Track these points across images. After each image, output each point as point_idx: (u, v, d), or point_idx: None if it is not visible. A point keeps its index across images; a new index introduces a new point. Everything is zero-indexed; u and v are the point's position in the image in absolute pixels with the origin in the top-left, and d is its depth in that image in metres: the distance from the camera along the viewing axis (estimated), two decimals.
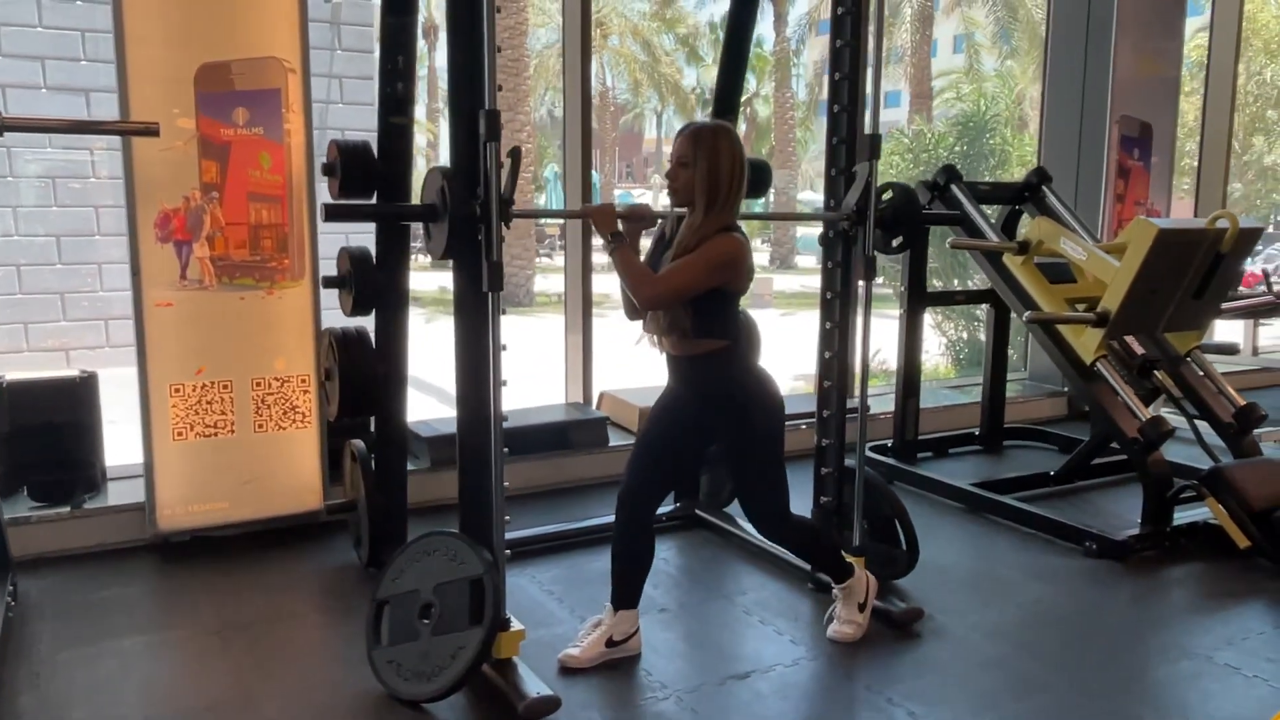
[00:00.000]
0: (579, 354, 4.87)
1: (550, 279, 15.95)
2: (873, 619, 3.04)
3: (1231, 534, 3.55)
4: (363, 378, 3.29)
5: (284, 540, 3.73)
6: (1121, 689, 2.74)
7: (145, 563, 3.52)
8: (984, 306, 5.46)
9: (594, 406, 4.96)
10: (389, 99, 3.19)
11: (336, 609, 3.24)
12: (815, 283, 3.42)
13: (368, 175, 3.18)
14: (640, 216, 2.69)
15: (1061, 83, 5.89)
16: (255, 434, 3.71)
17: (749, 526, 3.74)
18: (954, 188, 4.60)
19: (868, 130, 3.04)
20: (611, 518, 3.85)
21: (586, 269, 4.81)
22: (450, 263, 2.62)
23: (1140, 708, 2.64)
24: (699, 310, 2.64)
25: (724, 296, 2.67)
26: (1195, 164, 6.87)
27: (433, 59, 29.64)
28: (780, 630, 3.07)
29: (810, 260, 21.53)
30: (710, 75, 32.42)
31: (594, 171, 5.91)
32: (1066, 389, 5.96)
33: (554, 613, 3.17)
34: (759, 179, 3.89)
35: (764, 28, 25.48)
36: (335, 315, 3.75)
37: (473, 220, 2.48)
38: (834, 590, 3.02)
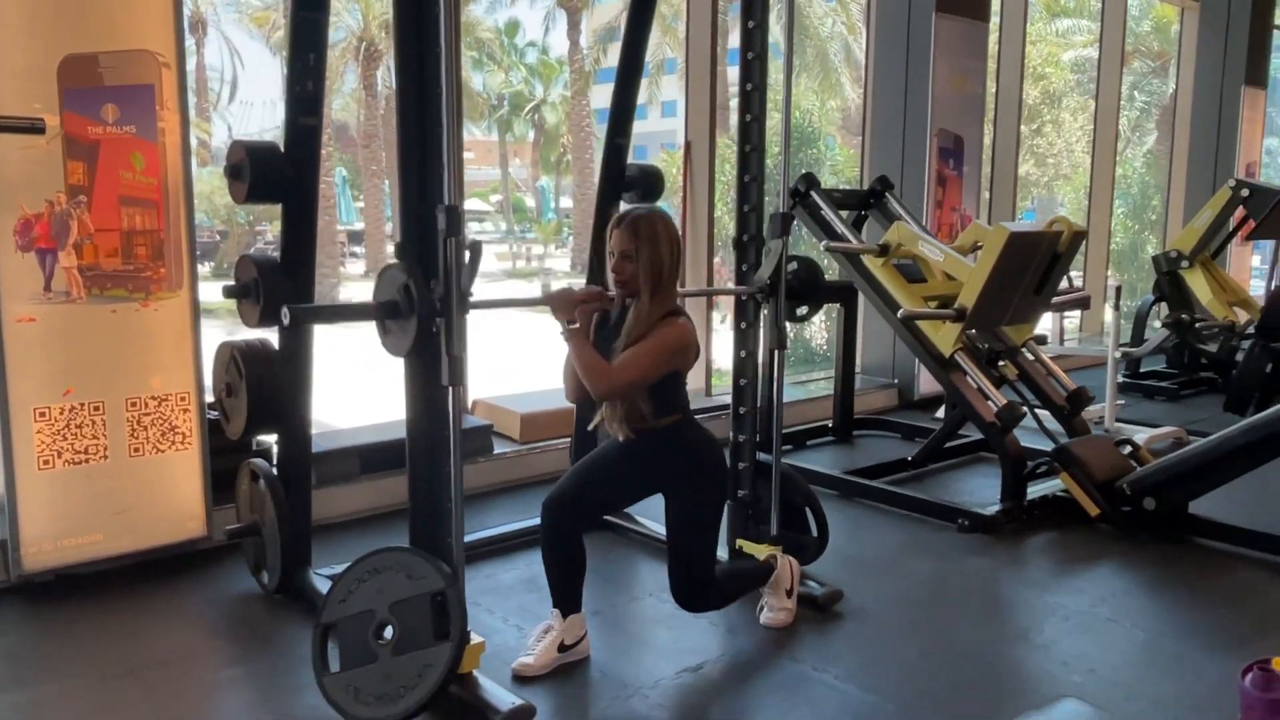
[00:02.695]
0: None
1: (350, 288, 15.43)
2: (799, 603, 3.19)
3: (1083, 504, 3.97)
4: (271, 392, 3.11)
5: (168, 572, 3.45)
6: (1030, 646, 3.03)
7: (13, 607, 3.16)
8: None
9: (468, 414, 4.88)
10: (298, 99, 3.03)
11: (252, 639, 3.04)
12: None
13: (277, 179, 3.01)
14: (596, 299, 2.74)
15: (884, 98, 6.35)
16: (131, 458, 3.41)
17: (647, 522, 3.85)
18: (814, 194, 4.88)
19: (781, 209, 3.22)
20: (513, 524, 3.88)
21: None
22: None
23: (1051, 663, 2.92)
24: (654, 394, 2.73)
25: (676, 376, 2.77)
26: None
27: (201, 55, 27.84)
28: (714, 622, 3.16)
29: None
30: (496, 81, 32.29)
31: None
32: (896, 381, 6.44)
33: (488, 624, 3.11)
34: (653, 186, 4.00)
35: (556, 36, 25.66)
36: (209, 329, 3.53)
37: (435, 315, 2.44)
38: (763, 589, 3.15)
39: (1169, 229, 9.47)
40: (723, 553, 3.47)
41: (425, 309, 2.42)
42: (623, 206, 3.97)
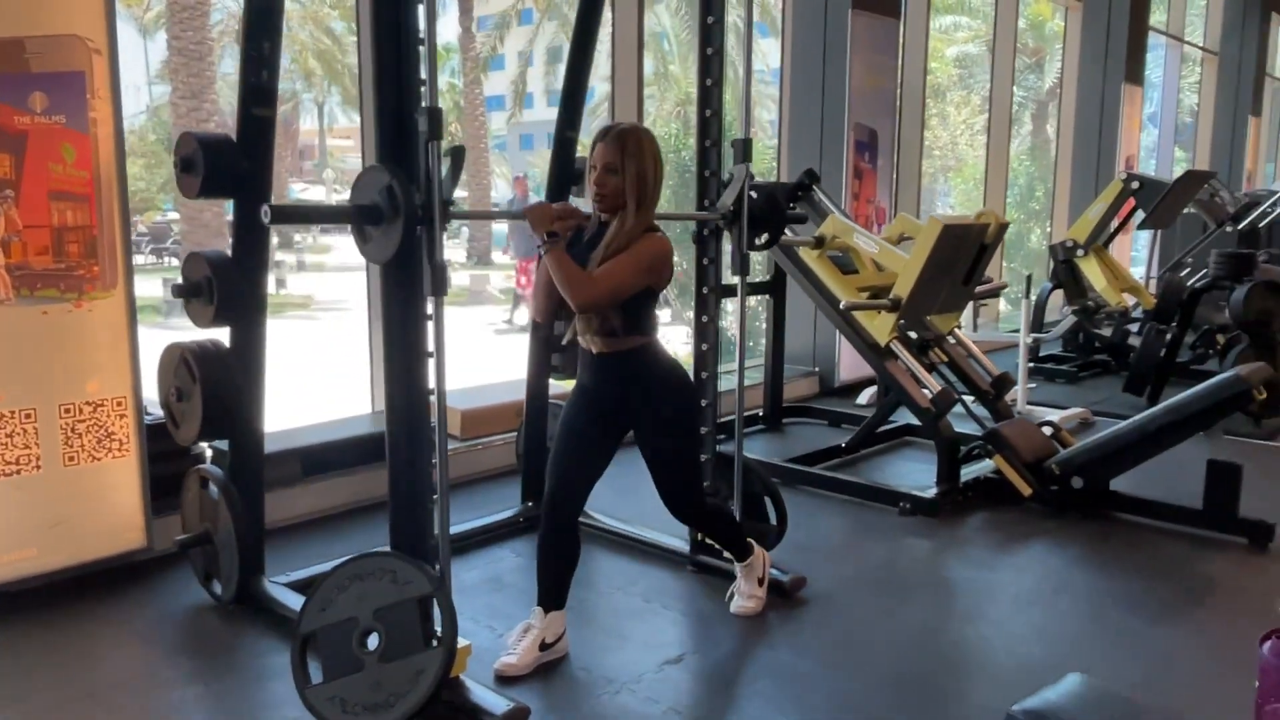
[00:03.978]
0: None
1: None
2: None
3: (1016, 484, 4.16)
4: (226, 395, 2.98)
5: (110, 586, 3.28)
6: (988, 622, 3.17)
7: None
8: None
9: None
10: (253, 88, 2.90)
11: (213, 654, 2.92)
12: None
13: (232, 171, 2.89)
14: (572, 216, 2.70)
15: (801, 93, 6.47)
16: (66, 468, 3.22)
17: (601, 517, 3.85)
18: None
19: (741, 135, 3.25)
20: (467, 524, 3.82)
21: None
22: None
23: (1012, 638, 3.06)
24: (627, 310, 2.72)
25: (649, 295, 2.76)
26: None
27: None
28: (684, 613, 3.20)
29: (504, 257, 21.57)
30: None
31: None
32: (817, 369, 6.59)
33: (459, 626, 3.06)
34: None
35: (445, 22, 25.08)
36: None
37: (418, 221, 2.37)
38: (736, 568, 3.19)
39: (1055, 219, 9.95)
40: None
41: (410, 212, 2.35)
42: (573, 200, 3.95)
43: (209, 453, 3.91)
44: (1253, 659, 2.90)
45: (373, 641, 2.50)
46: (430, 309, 2.46)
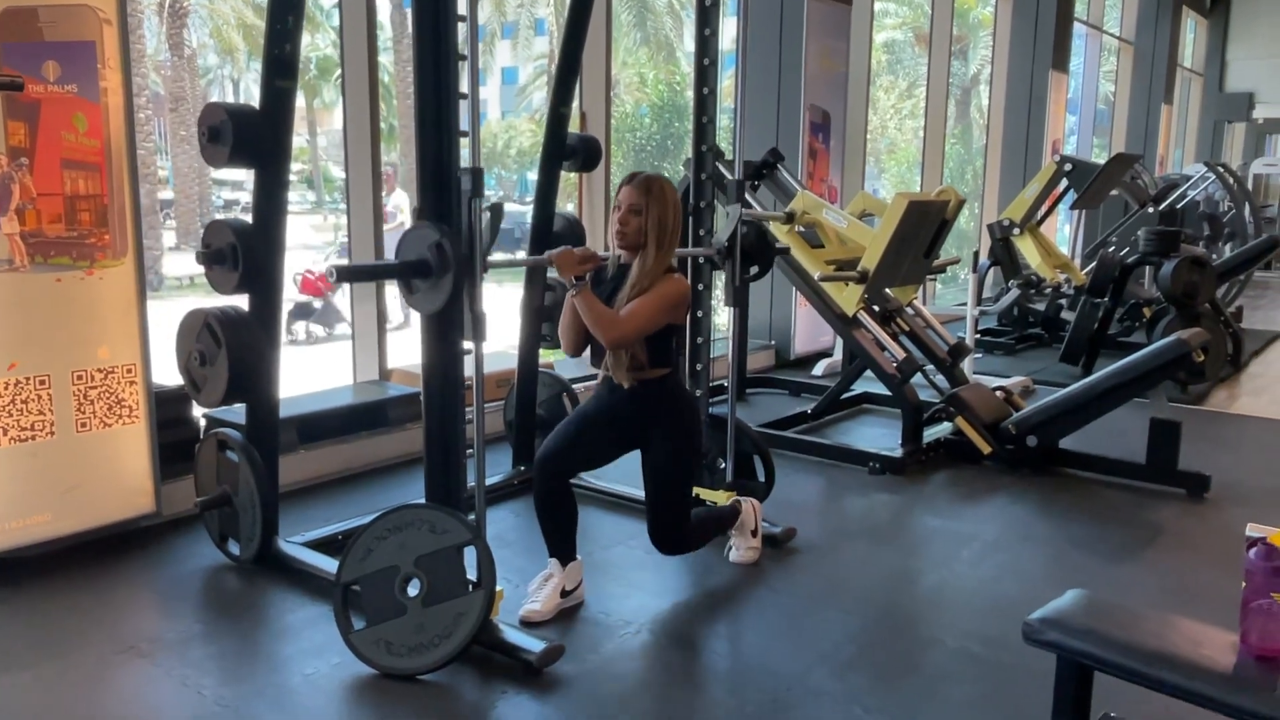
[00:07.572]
0: (372, 327, 4.75)
1: (167, 262, 14.51)
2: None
3: (977, 443, 4.46)
4: (251, 360, 3.07)
5: (122, 549, 3.34)
6: (962, 564, 3.44)
7: None
8: None
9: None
10: (276, 61, 2.98)
11: (240, 609, 3.02)
12: None
13: (256, 142, 2.97)
14: (592, 260, 2.87)
15: (757, 76, 6.67)
16: (78, 434, 3.27)
17: (591, 479, 4.01)
18: (718, 165, 5.13)
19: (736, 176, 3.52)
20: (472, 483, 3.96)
21: (378, 238, 4.70)
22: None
23: (985, 578, 3.34)
24: (651, 344, 2.91)
25: (670, 330, 2.96)
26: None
27: None
28: (688, 564, 3.39)
29: None
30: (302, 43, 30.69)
31: None
32: (773, 342, 6.85)
33: None
34: (593, 154, 4.13)
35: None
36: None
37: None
38: (730, 531, 3.40)
39: (985, 199, 10.39)
40: None
41: (460, 268, 2.51)
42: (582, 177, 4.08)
43: (202, 421, 3.99)
44: (1201, 589, 3.25)
45: (413, 588, 2.65)
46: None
